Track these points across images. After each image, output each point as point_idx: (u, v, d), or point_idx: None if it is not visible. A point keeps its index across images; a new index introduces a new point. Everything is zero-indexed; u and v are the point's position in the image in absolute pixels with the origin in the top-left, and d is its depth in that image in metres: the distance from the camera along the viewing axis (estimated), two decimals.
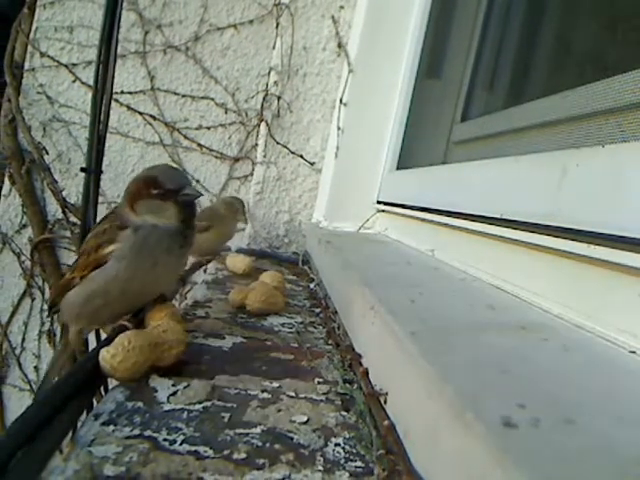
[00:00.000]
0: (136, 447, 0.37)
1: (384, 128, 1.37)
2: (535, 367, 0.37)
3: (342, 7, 1.48)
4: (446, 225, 0.84)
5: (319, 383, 0.54)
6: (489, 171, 0.73)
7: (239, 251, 1.40)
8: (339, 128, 1.39)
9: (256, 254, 1.41)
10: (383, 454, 0.39)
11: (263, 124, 1.51)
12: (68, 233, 1.57)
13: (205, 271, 1.29)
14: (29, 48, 1.55)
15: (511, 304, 0.56)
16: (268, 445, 0.40)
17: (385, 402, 0.45)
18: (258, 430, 0.42)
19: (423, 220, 0.97)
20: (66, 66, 1.54)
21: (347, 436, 0.43)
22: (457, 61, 1.34)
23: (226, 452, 0.38)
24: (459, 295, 0.60)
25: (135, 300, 0.63)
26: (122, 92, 1.54)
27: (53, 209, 1.58)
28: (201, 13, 1.56)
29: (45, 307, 1.60)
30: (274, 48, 1.53)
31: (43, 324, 1.60)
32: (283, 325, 0.75)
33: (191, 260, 1.17)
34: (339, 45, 1.47)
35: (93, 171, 1.05)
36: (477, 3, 1.31)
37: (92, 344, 1.30)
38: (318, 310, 0.87)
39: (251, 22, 1.56)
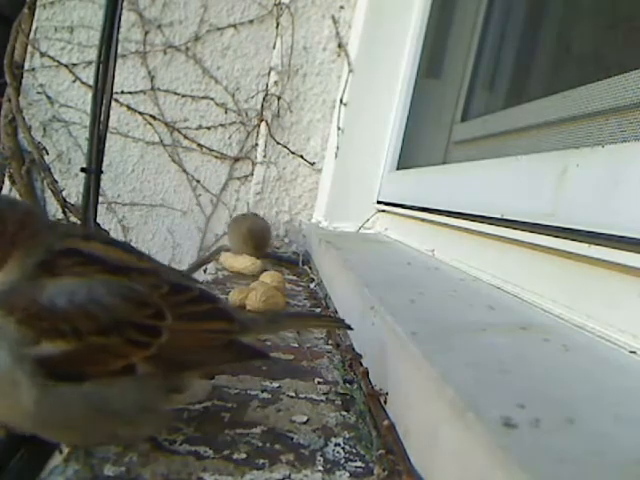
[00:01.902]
0: (136, 447, 0.37)
1: (384, 128, 1.37)
2: (535, 367, 0.37)
3: (342, 7, 1.48)
4: (446, 225, 0.84)
5: (319, 383, 0.54)
6: (489, 171, 0.73)
7: None
8: (339, 128, 1.39)
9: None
10: (383, 454, 0.39)
11: (263, 124, 1.51)
12: None
13: (205, 271, 1.29)
14: (29, 48, 1.54)
15: (511, 304, 0.56)
16: (268, 445, 0.40)
17: (385, 402, 0.45)
18: (258, 430, 0.42)
19: (423, 220, 0.97)
20: (66, 66, 1.54)
21: (347, 436, 0.43)
22: (457, 61, 1.34)
23: (226, 452, 0.38)
24: (459, 295, 0.60)
25: None
26: (122, 92, 1.54)
27: (53, 209, 1.58)
28: (201, 13, 1.56)
29: None
30: (274, 48, 1.53)
31: None
32: None
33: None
34: (339, 45, 1.48)
35: (93, 171, 1.05)
36: (477, 3, 1.31)
37: None
38: (318, 310, 0.87)
39: (251, 22, 1.56)
